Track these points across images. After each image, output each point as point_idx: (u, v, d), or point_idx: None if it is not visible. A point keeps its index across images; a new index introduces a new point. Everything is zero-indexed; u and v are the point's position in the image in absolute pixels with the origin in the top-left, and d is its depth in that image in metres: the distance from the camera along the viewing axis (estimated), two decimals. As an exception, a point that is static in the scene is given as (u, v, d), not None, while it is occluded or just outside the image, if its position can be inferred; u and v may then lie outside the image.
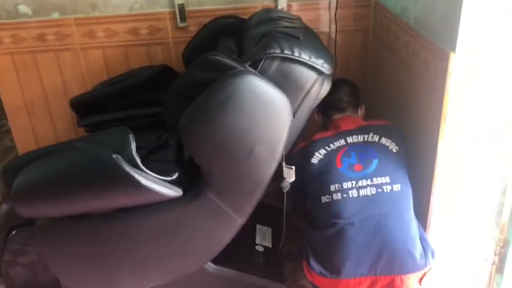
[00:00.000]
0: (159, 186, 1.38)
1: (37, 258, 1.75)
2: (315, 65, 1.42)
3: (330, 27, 2.13)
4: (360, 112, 1.83)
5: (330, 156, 1.60)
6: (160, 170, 1.44)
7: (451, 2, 1.35)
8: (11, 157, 2.97)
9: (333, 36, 2.14)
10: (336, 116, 1.77)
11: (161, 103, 1.75)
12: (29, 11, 2.09)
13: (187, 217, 1.51)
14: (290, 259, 1.94)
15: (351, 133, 1.64)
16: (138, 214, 1.49)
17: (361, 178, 1.54)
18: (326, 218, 1.54)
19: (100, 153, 1.36)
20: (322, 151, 1.62)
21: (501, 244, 1.72)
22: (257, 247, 1.90)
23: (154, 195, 1.39)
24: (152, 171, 1.42)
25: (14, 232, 1.73)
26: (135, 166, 1.37)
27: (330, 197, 1.54)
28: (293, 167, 1.50)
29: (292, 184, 1.55)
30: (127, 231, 1.53)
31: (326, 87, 1.52)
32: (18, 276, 1.80)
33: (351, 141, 1.63)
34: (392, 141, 1.62)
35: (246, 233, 1.90)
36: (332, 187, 1.54)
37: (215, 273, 1.70)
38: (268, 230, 2.01)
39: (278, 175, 1.54)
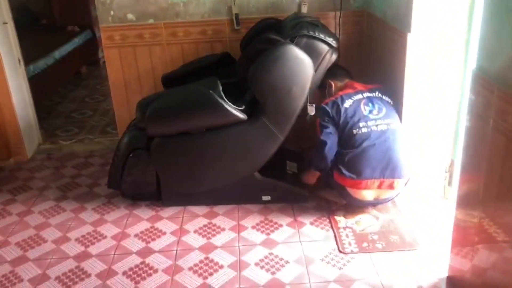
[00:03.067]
0: (235, 111, 2.35)
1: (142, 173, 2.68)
2: (327, 40, 2.41)
3: (335, 30, 3.12)
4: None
5: (356, 103, 2.47)
6: (234, 100, 2.41)
7: (408, 3, 2.33)
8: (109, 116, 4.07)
9: (338, 35, 3.13)
10: (346, 80, 2.66)
11: (224, 77, 2.72)
12: (134, 18, 3.11)
13: (249, 135, 2.46)
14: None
15: (364, 91, 2.53)
16: (219, 132, 2.46)
17: (378, 119, 2.43)
18: (356, 142, 2.40)
19: (202, 89, 2.35)
20: (350, 100, 2.48)
21: (449, 164, 2.64)
22: (288, 171, 2.83)
23: (232, 116, 2.36)
24: (231, 101, 2.39)
25: (131, 154, 2.67)
26: (222, 98, 2.34)
27: (359, 129, 2.40)
28: (314, 104, 2.45)
29: (316, 146, 2.44)
30: (212, 144, 2.49)
31: (334, 56, 2.49)
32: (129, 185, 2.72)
33: (366, 96, 2.51)
34: (388, 96, 2.55)
35: (281, 165, 2.84)
36: (361, 124, 2.41)
37: (261, 180, 2.61)
38: (294, 164, 2.94)
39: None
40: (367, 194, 2.42)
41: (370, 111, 2.46)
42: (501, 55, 1.54)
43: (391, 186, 2.40)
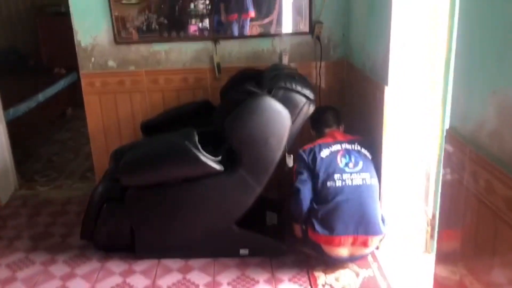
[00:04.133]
0: (211, 162, 2.31)
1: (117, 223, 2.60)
2: (304, 93, 2.40)
3: (316, 79, 3.13)
4: (341, 128, 2.71)
5: (333, 154, 2.44)
6: (212, 151, 2.37)
7: (385, 57, 2.35)
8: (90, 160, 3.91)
9: (319, 84, 3.14)
10: (327, 130, 2.63)
11: (203, 125, 2.70)
12: (114, 65, 3.11)
13: (226, 186, 2.41)
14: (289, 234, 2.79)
15: (343, 142, 2.50)
16: (195, 183, 2.40)
17: (353, 172, 2.39)
18: (329, 196, 2.36)
19: (177, 140, 2.31)
20: (327, 150, 2.45)
21: (431, 217, 2.59)
22: (267, 223, 2.76)
23: (208, 168, 2.31)
24: (208, 151, 2.35)
25: (105, 205, 2.60)
26: (197, 149, 2.30)
27: (333, 182, 2.36)
28: (292, 155, 2.42)
29: (291, 191, 2.41)
30: (188, 196, 2.43)
31: (311, 108, 2.48)
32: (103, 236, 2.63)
33: (344, 147, 2.48)
34: (368, 151, 2.52)
35: (259, 216, 2.78)
36: (336, 176, 2.38)
37: (238, 232, 2.53)
38: (274, 216, 2.88)
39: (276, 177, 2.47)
40: (341, 251, 2.37)
41: (346, 164, 2.43)
42: (472, 116, 1.53)
43: (365, 244, 2.35)
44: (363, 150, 2.50)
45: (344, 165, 2.42)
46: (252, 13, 3.08)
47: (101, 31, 3.05)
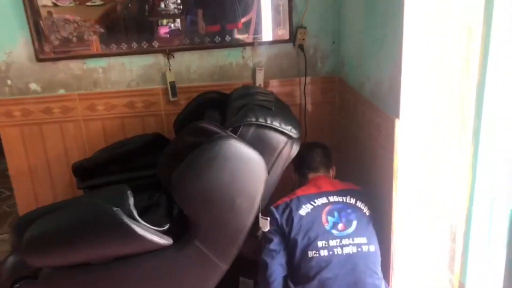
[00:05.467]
0: (152, 235, 1.60)
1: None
2: (285, 130, 1.71)
3: (301, 100, 2.45)
4: (332, 172, 2.05)
5: (316, 211, 1.77)
6: (153, 223, 1.66)
7: (394, 79, 1.67)
8: (8, 221, 3.14)
9: (304, 107, 2.46)
10: (311, 175, 1.98)
11: (154, 167, 2.01)
12: (38, 88, 2.39)
13: (177, 264, 1.71)
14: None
15: (331, 193, 1.83)
16: (133, 262, 1.69)
17: (344, 237, 1.72)
18: (310, 271, 1.69)
19: (102, 206, 1.59)
20: (309, 206, 1.79)
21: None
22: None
23: (148, 243, 1.60)
24: (149, 219, 1.65)
25: (18, 284, 1.89)
26: (132, 217, 1.59)
27: (317, 252, 1.70)
28: (268, 218, 1.73)
29: (260, 262, 1.77)
30: (123, 278, 1.72)
31: (295, 148, 1.80)
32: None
33: (332, 200, 1.82)
34: (365, 205, 1.84)
35: (230, 285, 2.09)
36: (320, 243, 1.71)
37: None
38: (250, 282, 2.19)
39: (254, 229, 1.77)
40: None
41: (334, 224, 1.76)
42: None
43: None
44: (359, 204, 1.83)
45: (331, 226, 1.75)
46: (241, 23, 2.39)
47: (17, 45, 2.32)
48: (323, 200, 1.82)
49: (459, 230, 1.87)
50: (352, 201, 1.83)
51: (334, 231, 1.74)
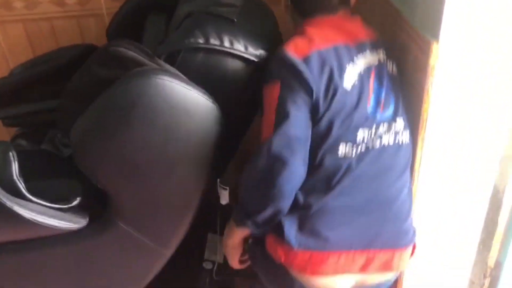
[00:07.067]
0: (48, 218, 1.07)
1: None
2: (251, 57, 1.07)
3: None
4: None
5: (362, 83, 1.07)
6: (55, 193, 1.12)
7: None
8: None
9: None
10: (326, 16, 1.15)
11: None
12: None
13: (99, 250, 1.20)
14: (245, 278, 1.65)
15: (367, 46, 1.12)
16: (37, 247, 1.19)
17: (383, 122, 1.09)
18: (333, 175, 1.05)
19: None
20: (353, 72, 1.06)
21: (492, 266, 1.44)
22: (204, 264, 1.61)
23: (44, 229, 1.08)
24: (49, 191, 1.11)
25: None
26: (17, 193, 1.05)
27: (353, 147, 1.06)
28: (227, 187, 1.17)
29: (254, 161, 1.04)
30: (28, 267, 1.23)
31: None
32: None
33: (372, 61, 1.11)
34: (393, 61, 1.16)
35: (195, 245, 1.62)
36: (361, 134, 1.06)
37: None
38: (221, 240, 1.72)
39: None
40: (341, 284, 1.13)
41: (377, 103, 1.09)
42: None
43: (387, 265, 1.11)
44: (388, 63, 1.15)
45: (374, 106, 1.09)
46: None
47: None
48: (364, 59, 1.10)
49: (508, 196, 1.31)
50: (383, 57, 1.14)
51: (375, 113, 1.08)
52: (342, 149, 1.05)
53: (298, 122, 1.02)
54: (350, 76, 1.06)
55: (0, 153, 1.08)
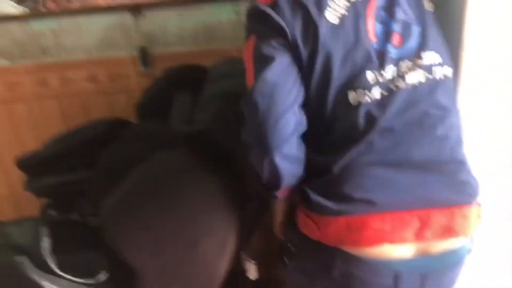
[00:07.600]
0: (76, 291, 1.09)
1: None
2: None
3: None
4: None
5: (356, 12, 0.95)
6: (82, 266, 1.14)
7: None
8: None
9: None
10: None
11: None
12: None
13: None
14: None
15: None
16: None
17: (404, 57, 0.96)
18: (357, 127, 0.93)
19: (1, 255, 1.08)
20: (338, 0, 0.95)
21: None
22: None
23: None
24: (77, 265, 1.13)
25: None
26: (48, 269, 1.08)
27: (366, 93, 0.93)
28: (255, 261, 1.18)
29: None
30: None
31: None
32: None
33: None
34: None
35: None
36: (370, 76, 0.94)
37: None
38: None
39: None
40: (399, 251, 0.92)
41: (386, 36, 0.96)
42: None
43: (449, 229, 0.92)
44: None
45: (382, 40, 0.96)
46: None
47: None
48: None
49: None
50: None
51: (389, 49, 0.95)
52: (353, 96, 0.93)
53: (277, 65, 0.92)
54: (336, 8, 0.95)
55: (32, 229, 1.12)
